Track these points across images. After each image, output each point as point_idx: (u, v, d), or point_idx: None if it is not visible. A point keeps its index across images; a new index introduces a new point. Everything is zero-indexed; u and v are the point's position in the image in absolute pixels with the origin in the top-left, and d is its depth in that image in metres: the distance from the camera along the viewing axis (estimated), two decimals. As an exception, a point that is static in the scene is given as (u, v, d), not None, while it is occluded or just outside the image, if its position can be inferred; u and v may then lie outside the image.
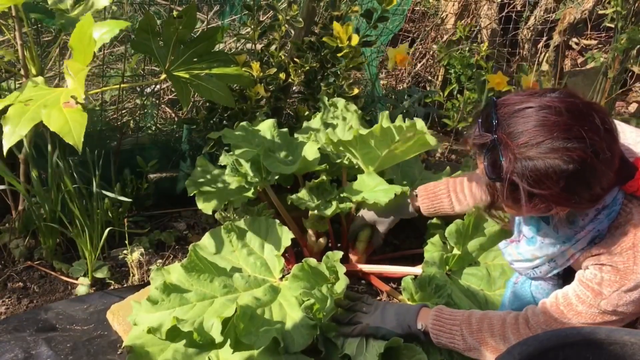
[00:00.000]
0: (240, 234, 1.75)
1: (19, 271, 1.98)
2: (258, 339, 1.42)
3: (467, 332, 1.43)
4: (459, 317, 1.47)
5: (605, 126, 1.22)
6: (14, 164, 1.96)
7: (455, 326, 1.45)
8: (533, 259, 1.48)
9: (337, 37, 2.10)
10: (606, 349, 1.17)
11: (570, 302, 1.35)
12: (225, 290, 1.57)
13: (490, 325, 1.42)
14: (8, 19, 1.92)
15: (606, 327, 1.26)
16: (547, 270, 1.48)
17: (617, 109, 3.61)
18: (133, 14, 2.47)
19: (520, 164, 1.20)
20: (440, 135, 3.28)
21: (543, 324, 1.37)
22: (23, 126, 1.46)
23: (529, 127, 1.20)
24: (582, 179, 1.20)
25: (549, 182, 1.19)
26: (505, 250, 1.57)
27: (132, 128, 2.39)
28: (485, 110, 1.30)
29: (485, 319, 1.44)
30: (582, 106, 1.22)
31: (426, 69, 3.66)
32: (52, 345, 1.64)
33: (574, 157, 1.17)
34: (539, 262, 1.47)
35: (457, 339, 1.44)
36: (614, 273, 1.29)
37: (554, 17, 3.51)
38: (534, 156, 1.18)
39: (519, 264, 1.53)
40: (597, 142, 1.18)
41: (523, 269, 1.53)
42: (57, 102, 1.49)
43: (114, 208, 2.11)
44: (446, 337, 1.46)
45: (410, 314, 1.51)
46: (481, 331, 1.42)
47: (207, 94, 1.94)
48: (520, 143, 1.20)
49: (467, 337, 1.43)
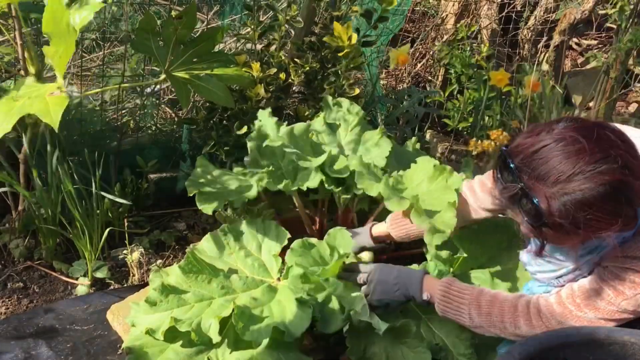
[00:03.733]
0: (238, 236, 1.75)
1: (19, 271, 1.98)
2: (260, 333, 1.42)
3: (476, 313, 1.42)
4: (467, 296, 1.44)
5: (621, 138, 1.21)
6: (14, 164, 1.97)
7: (463, 305, 1.43)
8: (558, 269, 1.45)
9: (337, 36, 2.10)
10: (606, 349, 1.17)
11: (589, 297, 1.33)
12: (223, 292, 1.57)
13: (501, 311, 1.40)
14: (8, 19, 1.92)
15: (606, 327, 1.26)
16: (571, 279, 1.44)
17: (617, 109, 3.60)
18: (133, 14, 2.47)
19: (558, 202, 1.17)
20: (440, 135, 3.27)
21: (558, 315, 1.35)
22: (10, 118, 1.50)
23: (554, 164, 1.17)
24: (622, 197, 1.17)
25: (592, 211, 1.16)
26: (528, 261, 1.53)
27: (132, 128, 2.38)
28: (499, 163, 1.27)
29: (496, 303, 1.42)
30: (593, 127, 1.21)
31: (426, 69, 3.65)
32: (52, 345, 1.64)
33: (608, 179, 1.14)
34: (564, 271, 1.44)
35: (464, 316, 1.43)
36: (638, 276, 1.27)
37: (554, 17, 3.51)
38: (569, 191, 1.16)
39: (542, 275, 1.50)
40: (622, 156, 1.17)
41: (547, 278, 1.49)
42: (43, 94, 1.53)
43: (114, 208, 2.11)
44: (453, 313, 1.45)
45: (413, 284, 1.50)
46: (491, 315, 1.41)
47: (207, 94, 1.94)
48: (551, 182, 1.17)
49: (475, 318, 1.42)
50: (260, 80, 2.11)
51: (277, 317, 1.48)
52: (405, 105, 2.68)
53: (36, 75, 1.78)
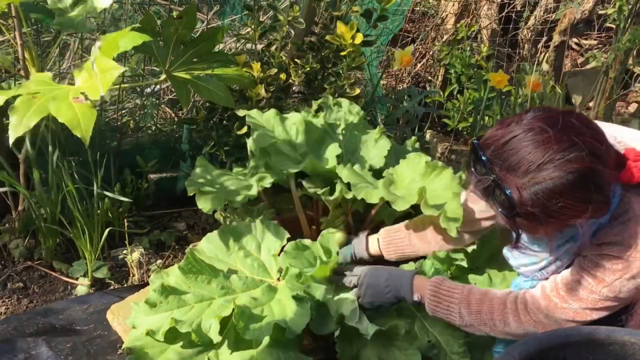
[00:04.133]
0: (237, 236, 1.75)
1: (19, 271, 1.98)
2: (261, 332, 1.42)
3: (466, 312, 1.43)
4: (457, 295, 1.45)
5: (587, 125, 1.24)
6: (14, 164, 1.97)
7: (453, 304, 1.44)
8: (539, 261, 1.47)
9: (340, 36, 2.10)
10: (606, 349, 1.17)
11: (571, 288, 1.35)
12: (223, 292, 1.57)
13: (491, 308, 1.41)
14: (8, 19, 1.92)
15: (606, 327, 1.26)
16: (554, 270, 1.46)
17: (617, 109, 3.60)
18: (133, 14, 2.47)
19: (529, 192, 1.19)
20: (440, 135, 3.27)
21: (544, 309, 1.37)
22: (31, 117, 1.47)
23: (523, 154, 1.20)
24: (592, 184, 1.20)
25: (563, 199, 1.19)
26: (511, 255, 1.55)
27: (132, 128, 2.39)
28: (472, 156, 1.30)
29: (486, 301, 1.43)
30: (559, 116, 1.23)
31: (426, 69, 3.66)
32: (52, 345, 1.64)
33: (577, 167, 1.17)
34: (545, 263, 1.46)
35: (454, 316, 1.44)
36: (615, 262, 1.29)
37: (554, 17, 3.51)
38: (540, 180, 1.18)
39: (525, 268, 1.52)
40: (588, 142, 1.19)
41: (530, 271, 1.51)
42: (66, 96, 1.50)
43: (114, 208, 2.11)
44: (443, 312, 1.46)
45: (404, 285, 1.51)
46: (480, 313, 1.42)
47: (207, 95, 1.94)
48: (522, 172, 1.19)
49: (465, 317, 1.43)
50: (261, 80, 2.11)
51: (278, 316, 1.48)
52: (405, 105, 2.68)
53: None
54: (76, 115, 1.45)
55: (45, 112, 1.48)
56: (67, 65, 2.38)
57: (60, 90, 1.55)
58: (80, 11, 1.71)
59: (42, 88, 1.56)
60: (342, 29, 2.09)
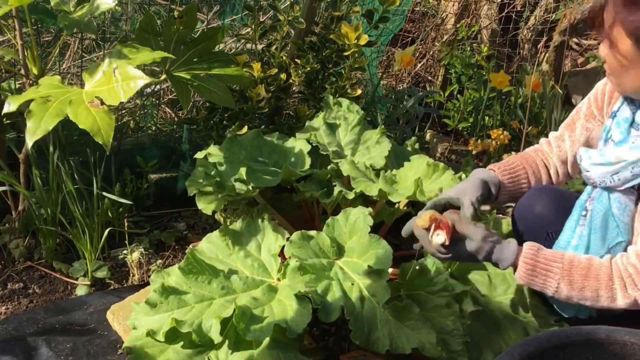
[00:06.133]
0: (237, 237, 1.75)
1: (19, 271, 1.98)
2: (262, 332, 1.41)
3: (567, 288, 1.36)
4: (557, 269, 1.37)
5: None
6: (14, 164, 1.97)
7: (552, 279, 1.37)
8: (616, 162, 1.41)
9: (344, 35, 2.10)
10: (606, 349, 1.17)
11: None
12: (224, 292, 1.57)
13: (597, 285, 1.35)
14: (8, 19, 1.92)
15: (606, 327, 1.26)
16: (627, 177, 1.40)
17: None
18: (133, 14, 2.47)
19: None
20: (440, 135, 3.28)
21: None
22: (48, 121, 1.48)
23: None
24: None
25: None
26: (586, 154, 1.48)
27: (132, 128, 2.39)
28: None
29: (591, 277, 1.35)
30: None
31: (426, 69, 3.66)
32: (52, 345, 1.64)
33: None
34: (621, 166, 1.40)
35: (550, 289, 1.38)
36: None
37: (554, 17, 3.51)
38: None
39: (597, 169, 1.44)
40: None
41: (600, 174, 1.44)
42: (82, 100, 1.51)
43: (114, 208, 2.11)
44: (539, 285, 1.39)
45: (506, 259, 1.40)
46: (584, 290, 1.35)
47: (207, 95, 1.94)
48: None
49: (564, 292, 1.36)
50: (261, 80, 2.11)
51: (278, 316, 1.48)
52: (405, 105, 2.68)
53: (38, 75, 1.78)
54: (96, 121, 1.46)
55: (62, 116, 1.48)
56: (67, 65, 2.38)
57: (73, 93, 1.55)
58: (84, 12, 1.71)
59: (53, 91, 1.56)
60: (347, 29, 2.09)
